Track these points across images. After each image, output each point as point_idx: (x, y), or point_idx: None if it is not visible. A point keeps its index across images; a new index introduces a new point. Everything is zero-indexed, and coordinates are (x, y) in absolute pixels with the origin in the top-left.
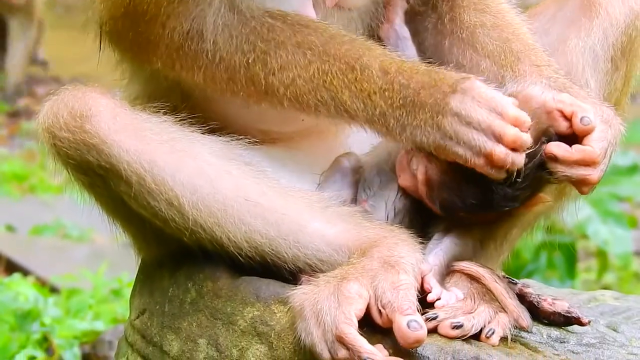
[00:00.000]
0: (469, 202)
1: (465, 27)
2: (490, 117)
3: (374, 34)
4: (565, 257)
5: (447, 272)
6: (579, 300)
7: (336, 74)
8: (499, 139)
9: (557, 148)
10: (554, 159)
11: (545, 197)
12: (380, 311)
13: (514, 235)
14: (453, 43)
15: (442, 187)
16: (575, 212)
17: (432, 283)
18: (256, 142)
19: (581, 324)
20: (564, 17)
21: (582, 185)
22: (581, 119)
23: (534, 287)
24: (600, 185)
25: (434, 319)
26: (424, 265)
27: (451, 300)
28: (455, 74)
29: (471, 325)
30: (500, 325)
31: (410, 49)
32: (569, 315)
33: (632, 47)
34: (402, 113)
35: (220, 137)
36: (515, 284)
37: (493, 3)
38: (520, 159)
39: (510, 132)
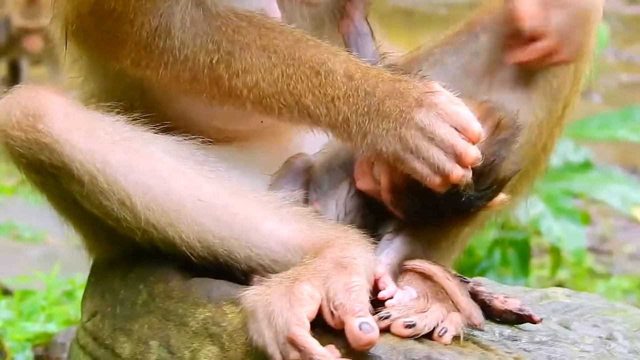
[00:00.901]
0: (436, 208)
1: None
2: (453, 136)
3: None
4: (519, 254)
5: (399, 271)
6: (531, 298)
7: (300, 78)
8: (459, 159)
9: None
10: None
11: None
12: (332, 313)
13: (466, 233)
14: None
15: (408, 194)
16: (528, 209)
17: (387, 281)
18: (210, 141)
19: (533, 321)
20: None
21: None
22: None
23: (486, 285)
24: (553, 181)
25: (387, 318)
26: (379, 266)
27: (405, 298)
28: (421, 85)
29: (424, 324)
30: (452, 324)
31: (369, 45)
32: (521, 313)
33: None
34: (365, 120)
35: (174, 137)
36: (467, 282)
37: None
38: (469, 175)
39: (472, 154)
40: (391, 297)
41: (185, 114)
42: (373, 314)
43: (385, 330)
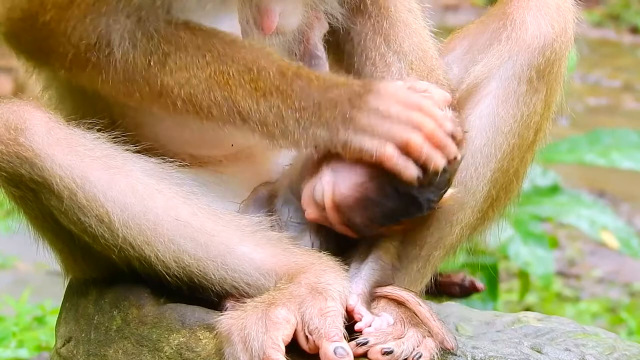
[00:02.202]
0: (391, 211)
1: (388, 16)
2: (408, 112)
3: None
4: (487, 279)
5: (372, 298)
6: (503, 323)
7: (233, 74)
8: (417, 128)
9: None
10: None
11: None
12: (307, 337)
13: (436, 257)
14: (370, 28)
15: (358, 205)
16: (498, 234)
17: (362, 311)
18: (186, 164)
19: (477, 290)
20: (482, 40)
21: None
22: None
23: (456, 309)
24: (522, 205)
25: (365, 344)
26: (350, 296)
27: (383, 325)
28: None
29: (401, 351)
30: (427, 349)
31: (323, 67)
32: (464, 283)
33: (550, 69)
34: (304, 114)
35: (152, 158)
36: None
37: (417, 12)
38: (436, 157)
39: (430, 124)
40: (369, 326)
41: (158, 137)
42: (348, 340)
43: (362, 356)
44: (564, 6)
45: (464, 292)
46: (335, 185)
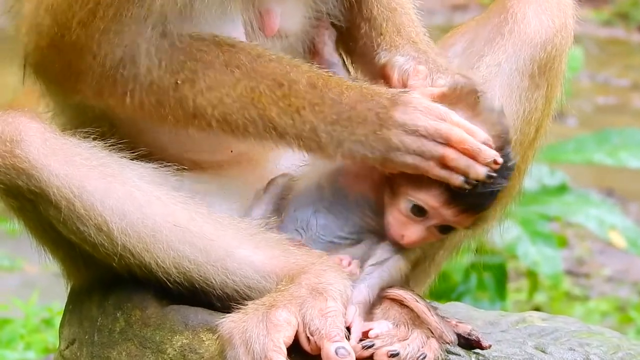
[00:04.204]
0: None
1: None
2: (435, 124)
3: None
4: (496, 278)
5: (377, 300)
6: (507, 322)
7: (264, 90)
8: (447, 141)
9: None
10: None
11: None
12: (308, 338)
13: (441, 257)
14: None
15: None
16: (502, 232)
17: (356, 325)
18: (185, 169)
19: (481, 347)
20: (483, 34)
21: None
22: None
23: (461, 309)
24: (529, 205)
25: (371, 347)
26: (349, 307)
27: (383, 329)
28: (389, 88)
29: (407, 353)
30: (431, 350)
31: (341, 74)
32: (470, 337)
33: (551, 65)
34: (337, 128)
35: (149, 164)
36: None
37: None
38: (474, 166)
39: (458, 134)
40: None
41: (155, 144)
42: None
43: (368, 359)
44: (564, 1)
45: (467, 344)
46: (427, 196)
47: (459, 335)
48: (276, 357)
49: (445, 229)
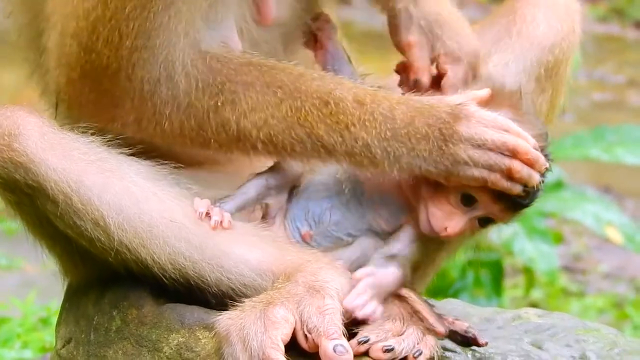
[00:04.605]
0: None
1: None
2: (501, 136)
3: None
4: (492, 275)
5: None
6: (503, 319)
7: (310, 109)
8: (514, 154)
9: None
10: None
11: None
12: (306, 336)
13: (440, 259)
14: None
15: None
16: (499, 230)
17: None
18: (181, 165)
19: (478, 344)
20: (490, 34)
21: None
22: None
23: (458, 306)
24: None
25: (366, 342)
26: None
27: (376, 312)
28: (445, 98)
29: (401, 348)
30: (427, 347)
31: (346, 68)
32: (466, 335)
33: (557, 69)
34: (393, 144)
35: (146, 160)
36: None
37: None
38: (533, 176)
39: (523, 145)
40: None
41: (152, 143)
42: (347, 337)
43: (363, 354)
44: (572, 6)
45: (464, 342)
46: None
47: (455, 333)
48: (274, 355)
49: (486, 222)
